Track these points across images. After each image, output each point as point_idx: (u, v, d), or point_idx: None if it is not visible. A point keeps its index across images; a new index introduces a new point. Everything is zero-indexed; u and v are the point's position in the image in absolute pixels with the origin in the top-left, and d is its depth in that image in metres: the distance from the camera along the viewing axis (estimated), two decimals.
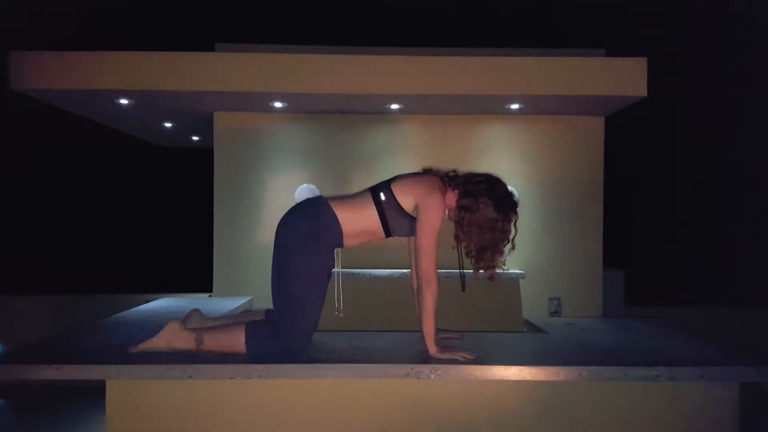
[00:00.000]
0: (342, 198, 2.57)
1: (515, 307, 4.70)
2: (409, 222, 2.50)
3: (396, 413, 2.49)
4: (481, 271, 2.50)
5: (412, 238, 2.63)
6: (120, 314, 3.65)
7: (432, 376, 2.33)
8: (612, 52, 4.60)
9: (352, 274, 4.53)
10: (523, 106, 4.60)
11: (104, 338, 2.87)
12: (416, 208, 2.46)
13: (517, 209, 2.56)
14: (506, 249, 2.54)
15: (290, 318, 2.43)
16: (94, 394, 3.14)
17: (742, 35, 8.11)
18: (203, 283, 5.12)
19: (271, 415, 2.47)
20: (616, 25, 8.14)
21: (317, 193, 4.75)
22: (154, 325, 3.03)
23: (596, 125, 4.88)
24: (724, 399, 2.54)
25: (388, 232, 2.53)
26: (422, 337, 2.47)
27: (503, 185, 2.53)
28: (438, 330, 2.58)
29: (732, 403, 2.53)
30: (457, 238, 2.49)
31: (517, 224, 2.54)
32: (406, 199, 2.47)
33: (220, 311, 3.76)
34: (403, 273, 4.46)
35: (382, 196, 2.49)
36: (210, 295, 4.96)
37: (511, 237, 2.52)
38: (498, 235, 2.47)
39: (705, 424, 2.53)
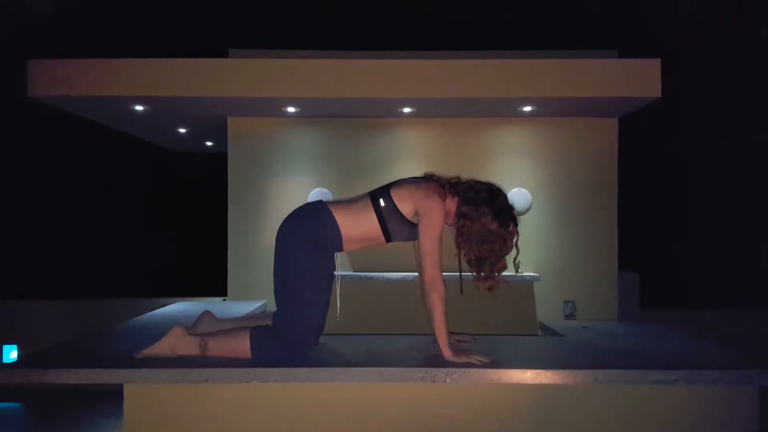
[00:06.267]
0: (342, 203, 2.57)
1: (530, 310, 4.68)
2: (409, 227, 2.50)
3: (411, 417, 2.49)
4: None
5: (416, 241, 2.63)
6: (136, 318, 3.67)
7: (447, 380, 2.32)
8: (625, 53, 4.57)
9: (366, 277, 4.53)
10: (536, 108, 4.58)
11: (121, 342, 2.89)
12: (416, 213, 2.46)
13: (519, 222, 2.53)
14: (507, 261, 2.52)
15: (292, 322, 2.43)
16: (111, 398, 3.17)
17: (742, 35, 8.04)
18: (218, 287, 5.15)
19: (287, 418, 2.48)
20: (622, 27, 8.11)
21: (330, 197, 4.77)
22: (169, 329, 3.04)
23: (609, 127, 4.85)
24: (744, 403, 2.50)
25: (388, 237, 2.54)
26: (435, 341, 2.47)
27: (504, 197, 2.51)
28: (451, 333, 2.57)
29: (751, 407, 2.50)
30: (457, 245, 2.49)
31: (518, 243, 2.51)
32: (405, 204, 2.47)
33: (234, 315, 3.77)
34: (416, 276, 4.47)
35: (382, 202, 2.49)
36: (224, 299, 4.99)
37: (512, 253, 2.50)
38: (497, 249, 2.46)
39: (724, 428, 2.50)
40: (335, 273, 2.64)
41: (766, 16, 7.53)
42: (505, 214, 2.47)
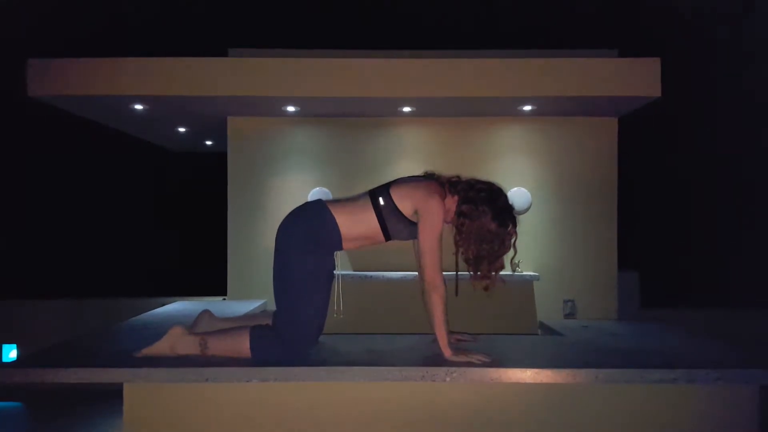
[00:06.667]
0: (341, 201, 2.57)
1: (529, 310, 4.68)
2: (409, 226, 2.50)
3: (410, 416, 2.49)
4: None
5: (416, 240, 2.63)
6: (136, 318, 3.67)
7: (447, 379, 2.32)
8: (625, 53, 4.57)
9: (366, 276, 4.53)
10: (535, 107, 4.58)
11: (120, 342, 2.89)
12: (415, 212, 2.46)
13: (518, 222, 2.53)
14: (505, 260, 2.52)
15: (292, 321, 2.43)
16: (111, 398, 3.17)
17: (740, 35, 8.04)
18: (218, 287, 5.14)
19: (287, 418, 2.48)
20: (622, 27, 8.11)
21: (330, 196, 4.77)
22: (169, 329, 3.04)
23: (609, 126, 4.85)
24: (744, 402, 2.50)
25: (387, 236, 2.54)
26: (435, 340, 2.46)
27: (504, 197, 2.51)
28: (451, 332, 2.57)
29: (752, 406, 2.50)
30: (456, 243, 2.49)
31: (516, 244, 2.51)
32: (404, 203, 2.47)
33: (234, 315, 3.76)
34: (417, 275, 4.47)
35: (381, 201, 2.49)
36: (224, 299, 4.99)
37: (510, 254, 2.50)
38: (496, 249, 2.45)
39: (724, 428, 2.50)
40: (335, 272, 2.64)
41: (766, 16, 7.53)
42: (505, 214, 2.47)
